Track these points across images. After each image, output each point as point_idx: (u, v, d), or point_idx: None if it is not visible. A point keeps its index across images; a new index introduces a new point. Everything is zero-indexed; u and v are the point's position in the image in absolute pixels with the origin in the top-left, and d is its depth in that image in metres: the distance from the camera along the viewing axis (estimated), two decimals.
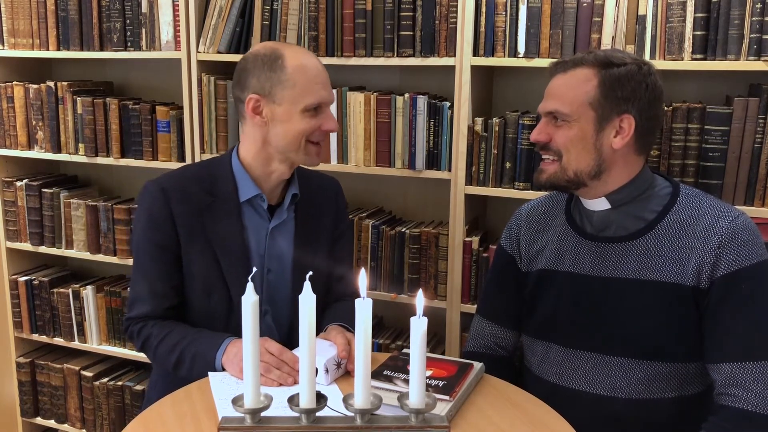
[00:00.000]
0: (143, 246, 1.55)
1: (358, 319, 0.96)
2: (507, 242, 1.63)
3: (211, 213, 1.55)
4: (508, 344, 1.64)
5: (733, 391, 1.32)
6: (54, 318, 2.58)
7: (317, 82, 1.50)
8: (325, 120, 1.53)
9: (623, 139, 1.38)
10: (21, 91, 2.46)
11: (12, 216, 2.57)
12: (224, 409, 1.27)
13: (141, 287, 1.56)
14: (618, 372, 1.43)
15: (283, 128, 1.51)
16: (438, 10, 1.94)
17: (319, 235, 1.66)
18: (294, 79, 1.48)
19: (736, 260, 1.34)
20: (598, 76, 1.37)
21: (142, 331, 1.55)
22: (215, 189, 1.56)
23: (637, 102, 1.37)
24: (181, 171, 1.62)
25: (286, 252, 1.61)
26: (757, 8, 1.65)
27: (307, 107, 1.49)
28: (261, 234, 1.59)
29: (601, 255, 1.45)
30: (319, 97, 1.50)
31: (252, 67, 1.51)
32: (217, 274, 1.54)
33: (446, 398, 1.26)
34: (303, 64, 1.50)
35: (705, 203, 1.42)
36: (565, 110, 1.39)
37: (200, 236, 1.54)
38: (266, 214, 1.59)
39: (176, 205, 1.53)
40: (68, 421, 2.64)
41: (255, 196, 1.57)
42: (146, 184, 1.57)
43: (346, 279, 1.72)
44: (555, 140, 1.41)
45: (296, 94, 1.49)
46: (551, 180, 1.44)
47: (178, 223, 1.53)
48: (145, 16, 2.25)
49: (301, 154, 1.53)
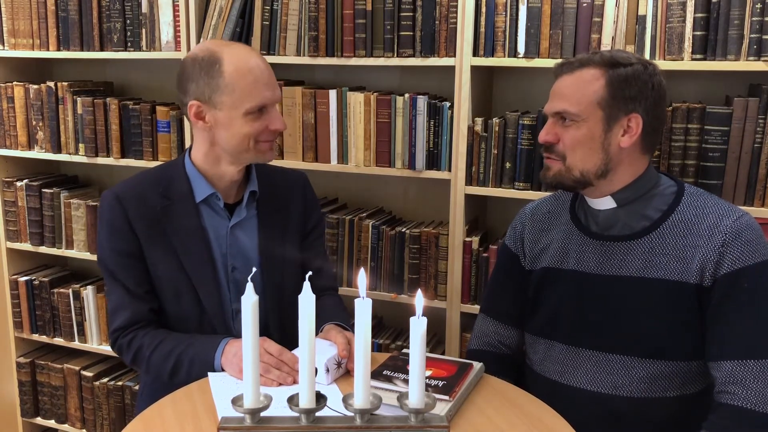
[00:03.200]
0: (110, 256, 1.54)
1: (358, 319, 0.96)
2: (511, 241, 1.64)
3: (169, 216, 1.54)
4: (512, 342, 1.64)
5: (733, 389, 1.32)
6: (54, 318, 2.58)
7: (257, 85, 1.46)
8: (271, 120, 1.50)
9: (631, 138, 1.39)
10: (21, 91, 2.46)
11: (12, 216, 2.57)
12: (224, 409, 1.27)
13: (117, 295, 1.55)
14: (620, 370, 1.43)
15: (227, 132, 1.49)
16: (438, 10, 1.94)
17: (285, 229, 1.65)
18: (233, 84, 1.45)
19: (739, 259, 1.35)
20: (606, 76, 1.38)
21: (132, 342, 1.53)
22: (170, 191, 1.55)
23: (644, 101, 1.39)
24: (136, 177, 1.61)
25: (251, 249, 1.60)
26: (757, 8, 1.66)
27: (248, 111, 1.46)
28: (221, 233, 1.58)
29: (606, 253, 1.45)
30: (260, 100, 1.47)
31: (191, 71, 1.48)
32: (183, 275, 1.54)
33: (446, 398, 1.26)
34: (241, 67, 1.45)
35: (709, 202, 1.42)
36: (574, 110, 1.39)
37: (160, 239, 1.53)
38: (225, 213, 1.58)
39: (133, 212, 1.52)
40: (68, 421, 2.64)
41: (210, 195, 1.56)
42: (102, 195, 1.57)
43: (324, 272, 1.72)
44: (563, 141, 1.42)
45: (236, 99, 1.45)
46: (557, 177, 1.44)
47: (136, 229, 1.52)
48: (145, 16, 2.26)
49: (252, 153, 1.51)
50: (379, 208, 2.32)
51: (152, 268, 1.54)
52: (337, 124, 2.10)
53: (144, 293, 1.54)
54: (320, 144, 2.13)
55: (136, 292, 1.54)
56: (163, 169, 1.62)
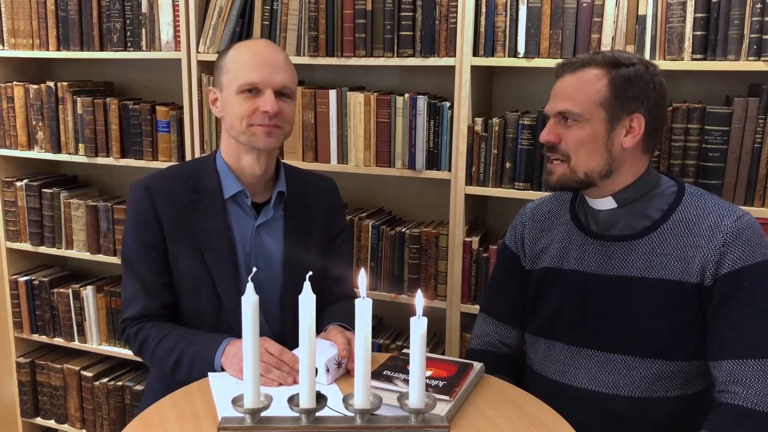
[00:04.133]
0: (132, 246, 1.56)
1: (358, 319, 0.96)
2: (511, 240, 1.64)
3: (196, 211, 1.55)
4: (512, 342, 1.64)
5: (734, 389, 1.32)
6: (54, 318, 2.58)
7: (252, 65, 1.50)
8: (263, 102, 1.51)
9: (634, 138, 1.39)
10: (21, 91, 2.46)
11: (12, 216, 2.57)
12: (224, 409, 1.26)
13: (133, 286, 1.56)
14: (621, 370, 1.44)
15: (227, 113, 1.55)
16: (438, 10, 1.94)
17: (310, 234, 1.65)
18: (229, 64, 1.53)
19: (740, 258, 1.35)
20: (608, 76, 1.38)
21: (139, 333, 1.54)
22: (199, 186, 1.57)
23: (646, 101, 1.39)
24: (166, 170, 1.63)
25: (275, 250, 1.61)
26: (757, 8, 1.66)
27: (240, 88, 1.50)
28: (247, 232, 1.59)
29: (607, 253, 1.46)
30: (250, 78, 1.49)
31: (215, 64, 1.59)
32: (204, 271, 1.54)
33: (446, 398, 1.26)
34: (243, 50, 1.54)
35: (710, 202, 1.42)
36: (576, 110, 1.39)
37: (186, 234, 1.54)
38: (252, 212, 1.59)
39: (160, 204, 1.54)
40: (68, 422, 2.64)
41: (239, 193, 1.57)
42: (132, 185, 1.59)
43: (345, 280, 1.72)
44: (565, 141, 1.41)
45: (230, 78, 1.52)
46: (561, 181, 1.44)
47: (163, 222, 1.54)
48: (145, 16, 2.26)
49: (246, 136, 1.52)
50: (379, 208, 2.32)
51: (173, 261, 1.55)
52: (337, 124, 2.10)
53: (160, 287, 1.55)
54: (320, 144, 2.13)
55: (152, 285, 1.55)
56: (195, 164, 1.66)
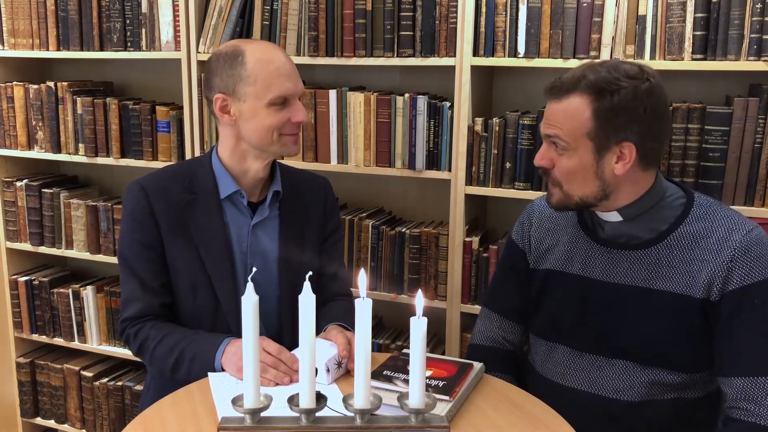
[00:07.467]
0: (129, 246, 1.56)
1: (358, 319, 0.95)
2: (518, 236, 1.62)
3: (192, 210, 1.55)
4: (515, 338, 1.64)
5: (745, 406, 1.32)
6: (54, 318, 2.58)
7: (280, 75, 1.49)
8: (295, 112, 1.52)
9: (625, 165, 1.35)
10: (21, 91, 2.46)
11: (12, 216, 2.57)
12: (224, 409, 1.27)
13: (131, 286, 1.56)
14: (622, 375, 1.44)
15: (252, 125, 1.51)
16: (438, 10, 1.94)
17: (305, 232, 1.66)
18: (255, 74, 1.48)
19: (748, 275, 1.33)
20: (591, 107, 1.33)
21: (138, 333, 1.54)
22: (195, 186, 1.57)
23: (636, 126, 1.33)
24: (163, 170, 1.63)
25: (270, 249, 1.61)
26: (757, 8, 1.65)
27: (272, 101, 1.49)
28: (243, 231, 1.59)
29: (612, 261, 1.45)
30: (283, 90, 1.49)
31: (215, 66, 1.52)
32: (201, 270, 1.55)
33: (446, 398, 1.26)
34: (263, 58, 1.49)
35: (719, 215, 1.39)
36: (564, 138, 1.36)
37: (182, 233, 1.55)
38: (248, 211, 1.59)
39: (157, 203, 1.54)
40: (68, 422, 2.64)
41: (235, 193, 1.57)
42: (128, 185, 1.59)
43: (339, 277, 1.72)
44: (557, 168, 1.39)
45: (259, 90, 1.48)
46: (559, 205, 1.44)
47: (159, 221, 1.54)
48: (145, 16, 2.26)
49: (277, 146, 1.53)
50: (379, 208, 2.32)
51: (171, 261, 1.55)
52: (337, 124, 2.10)
53: (158, 286, 1.55)
54: (320, 144, 2.13)
55: (150, 285, 1.55)
56: (190, 164, 1.65)
